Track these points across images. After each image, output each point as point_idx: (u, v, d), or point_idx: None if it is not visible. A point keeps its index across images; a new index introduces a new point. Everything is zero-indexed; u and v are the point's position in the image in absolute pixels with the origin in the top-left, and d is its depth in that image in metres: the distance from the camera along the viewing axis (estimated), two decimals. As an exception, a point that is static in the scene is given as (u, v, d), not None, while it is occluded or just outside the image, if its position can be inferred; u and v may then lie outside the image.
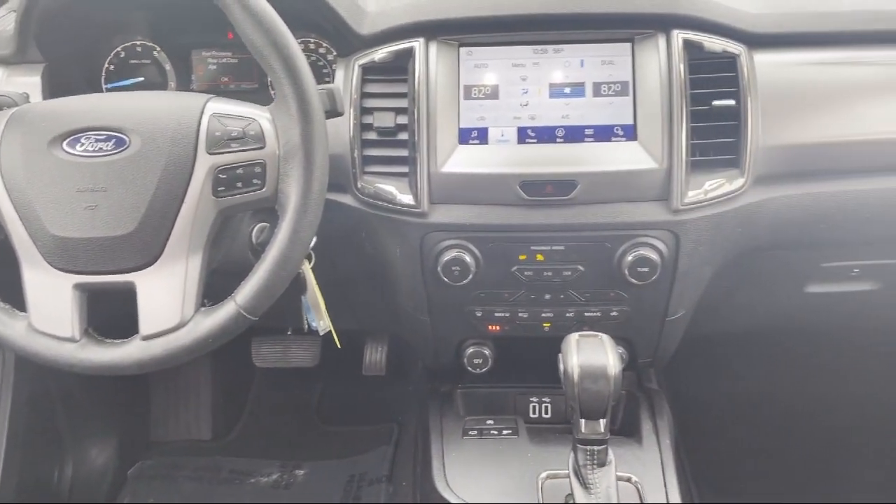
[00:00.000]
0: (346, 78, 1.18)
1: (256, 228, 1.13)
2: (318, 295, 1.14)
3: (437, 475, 1.23)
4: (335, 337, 1.21)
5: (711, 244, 1.17)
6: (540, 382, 1.42)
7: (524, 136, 1.16)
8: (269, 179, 0.93)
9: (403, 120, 1.15)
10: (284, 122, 0.93)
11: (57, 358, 0.95)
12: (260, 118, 0.95)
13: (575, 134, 1.15)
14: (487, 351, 1.33)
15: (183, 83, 1.34)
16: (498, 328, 1.28)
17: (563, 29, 1.15)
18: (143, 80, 1.33)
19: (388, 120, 1.15)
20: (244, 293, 0.93)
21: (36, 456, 1.60)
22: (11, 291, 0.98)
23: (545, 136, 1.15)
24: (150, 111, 0.96)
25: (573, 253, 1.17)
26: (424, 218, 1.15)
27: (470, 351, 1.34)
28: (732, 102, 1.12)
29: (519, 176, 1.13)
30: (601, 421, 1.04)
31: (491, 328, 1.28)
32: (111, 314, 1.02)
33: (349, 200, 1.19)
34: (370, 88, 1.17)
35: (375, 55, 1.16)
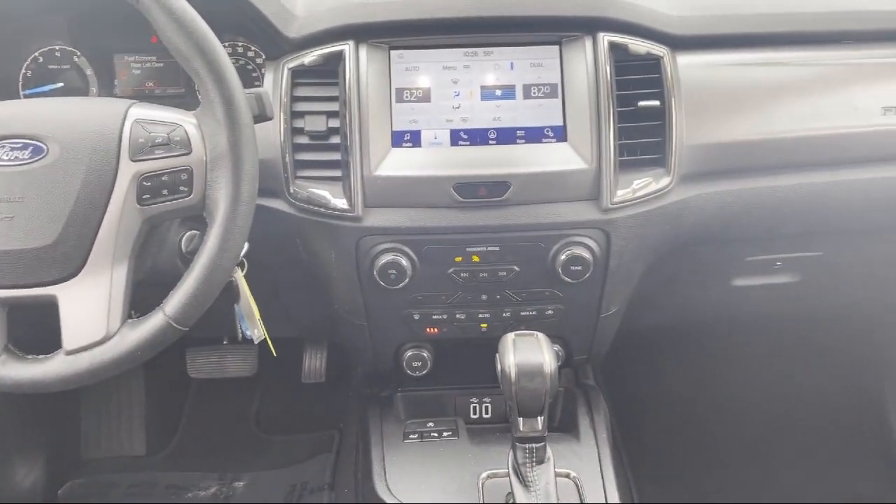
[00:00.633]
0: (275, 81, 1.16)
1: (186, 236, 1.10)
2: (251, 303, 1.12)
3: (377, 480, 1.23)
4: (270, 345, 1.19)
5: (641, 241, 1.20)
6: (480, 383, 1.43)
7: (457, 138, 1.16)
8: (196, 186, 0.91)
9: (335, 123, 1.15)
10: (211, 127, 0.91)
11: None
12: (185, 123, 0.92)
13: (507, 136, 1.16)
14: (426, 354, 1.34)
15: (105, 89, 1.30)
16: (436, 330, 1.28)
17: (492, 32, 1.16)
18: (62, 86, 1.28)
19: (319, 124, 1.14)
20: (173, 303, 0.91)
21: (-44, 480, 1.53)
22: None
23: (478, 138, 1.16)
24: (69, 118, 0.92)
25: (508, 253, 1.19)
26: (359, 222, 1.14)
27: (409, 354, 1.33)
28: (657, 103, 1.15)
29: (452, 178, 1.13)
30: (539, 419, 1.05)
31: (429, 331, 1.28)
32: (33, 329, 0.98)
33: (282, 206, 1.17)
34: (300, 92, 1.16)
35: (305, 58, 1.15)
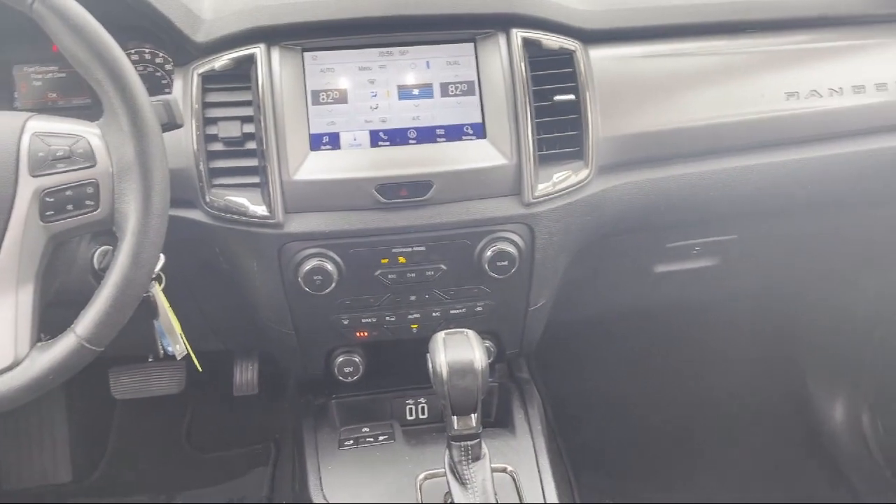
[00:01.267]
0: (185, 88, 1.13)
1: (99, 252, 1.06)
2: (171, 318, 1.09)
3: (313, 490, 1.21)
4: (195, 360, 1.16)
5: (564, 233, 1.21)
6: (414, 384, 1.42)
7: (376, 139, 1.15)
8: (103, 200, 0.88)
9: (250, 129, 1.12)
10: (116, 137, 0.88)
11: None
12: (88, 135, 0.89)
13: (427, 135, 1.16)
14: (357, 358, 1.32)
15: (5, 102, 1.23)
16: (366, 334, 1.27)
17: (406, 31, 1.16)
18: None
19: (233, 130, 1.11)
20: (84, 323, 0.87)
21: None
22: None
23: (398, 138, 1.15)
24: None
25: (434, 252, 1.18)
26: (280, 228, 1.12)
27: (340, 360, 1.32)
28: (572, 97, 1.17)
29: (374, 179, 1.12)
30: (472, 416, 1.05)
31: (359, 335, 1.27)
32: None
33: (198, 216, 1.14)
34: (212, 98, 1.12)
35: (215, 63, 1.12)
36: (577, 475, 1.84)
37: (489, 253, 1.17)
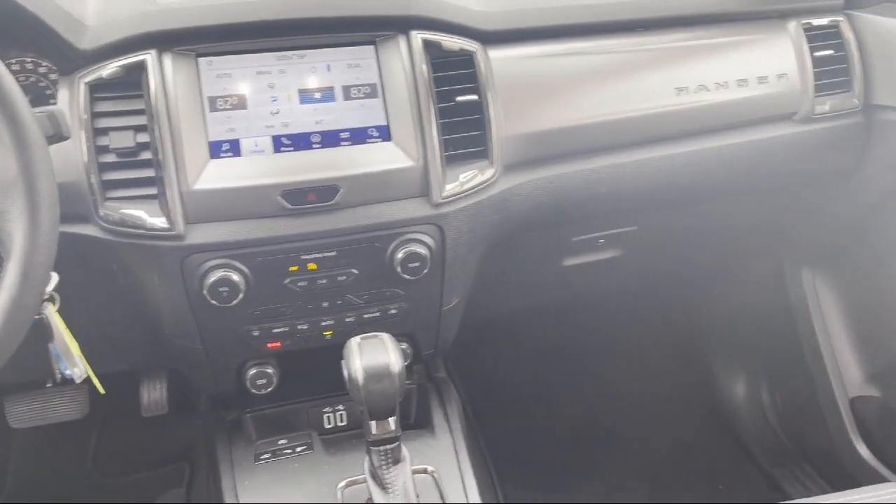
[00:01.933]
0: (71, 98, 1.07)
1: None
2: (68, 340, 1.03)
3: (230, 508, 1.18)
4: (96, 383, 1.10)
5: (473, 232, 1.23)
6: (331, 391, 1.41)
7: (279, 144, 1.13)
8: None
9: (145, 138, 1.07)
10: (-4, 152, 0.82)
11: None
12: None
13: (331, 138, 1.14)
14: (270, 369, 1.29)
15: None
16: (278, 344, 1.24)
17: (303, 34, 1.14)
18: None
19: (126, 140, 1.07)
20: (-30, 351, 0.81)
21: None
22: None
23: (301, 143, 1.14)
24: None
25: (345, 257, 1.17)
26: (181, 240, 1.08)
27: (252, 373, 1.28)
28: (475, 97, 1.18)
29: (279, 186, 1.10)
30: (391, 419, 1.05)
31: (270, 345, 1.24)
32: None
33: (92, 231, 1.08)
34: (102, 107, 1.07)
35: (103, 71, 1.07)
36: (498, 471, 1.87)
37: (400, 255, 1.17)
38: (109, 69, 1.07)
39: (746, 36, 1.38)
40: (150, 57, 1.07)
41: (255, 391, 1.29)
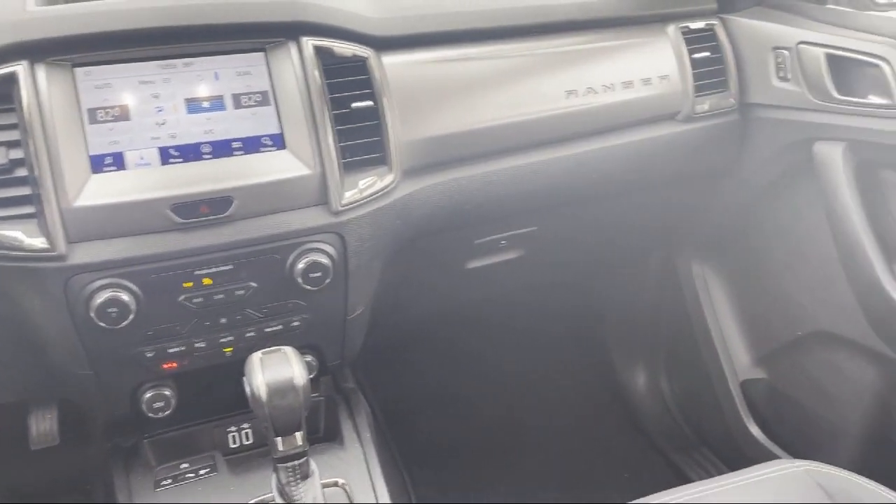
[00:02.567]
0: None
1: None
2: (-61, 374, 0.95)
3: (130, 540, 1.12)
4: (-26, 417, 1.02)
5: (375, 239, 1.22)
6: (235, 409, 1.36)
7: (167, 156, 1.08)
8: None
9: (19, 154, 1.01)
10: None
11: None
12: None
13: (222, 148, 1.11)
14: (168, 391, 1.23)
15: None
16: (175, 365, 1.19)
17: (187, 42, 1.10)
18: None
19: None
20: None
21: None
22: None
23: (190, 154, 1.09)
24: None
25: (242, 270, 1.14)
26: (63, 261, 1.02)
27: (148, 396, 1.22)
28: (370, 103, 1.17)
29: (168, 199, 1.05)
30: (297, 434, 1.02)
31: (167, 366, 1.19)
32: None
33: None
34: None
35: None
36: (412, 475, 1.86)
37: (301, 265, 1.15)
38: None
39: (630, 40, 1.44)
40: (21, 68, 1.01)
41: (152, 415, 1.23)
